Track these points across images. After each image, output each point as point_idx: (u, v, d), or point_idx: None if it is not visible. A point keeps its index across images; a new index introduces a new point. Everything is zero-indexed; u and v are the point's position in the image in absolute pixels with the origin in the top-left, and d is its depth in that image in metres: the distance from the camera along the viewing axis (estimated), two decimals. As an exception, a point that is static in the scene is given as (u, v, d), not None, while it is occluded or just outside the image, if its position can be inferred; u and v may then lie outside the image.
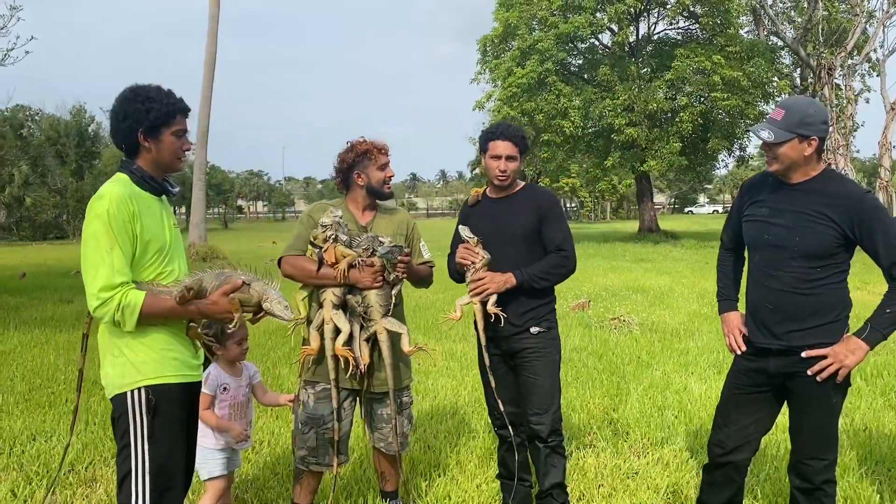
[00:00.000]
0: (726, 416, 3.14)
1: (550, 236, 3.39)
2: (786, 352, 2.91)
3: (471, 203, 3.60)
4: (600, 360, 6.89)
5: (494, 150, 3.41)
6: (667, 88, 25.72)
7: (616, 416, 5.12)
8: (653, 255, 20.48)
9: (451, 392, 5.76)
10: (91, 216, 2.38)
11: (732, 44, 25.40)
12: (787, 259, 2.87)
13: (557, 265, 3.36)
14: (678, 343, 7.69)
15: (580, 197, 65.36)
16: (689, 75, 25.06)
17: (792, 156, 2.81)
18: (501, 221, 3.43)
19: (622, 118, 25.00)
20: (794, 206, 2.87)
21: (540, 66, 25.52)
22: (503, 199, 3.50)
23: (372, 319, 3.15)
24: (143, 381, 2.43)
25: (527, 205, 3.44)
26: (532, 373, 3.36)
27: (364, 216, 3.37)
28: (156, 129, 2.48)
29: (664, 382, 6.01)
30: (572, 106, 25.18)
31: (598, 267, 16.75)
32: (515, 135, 3.42)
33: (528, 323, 3.37)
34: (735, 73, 24.18)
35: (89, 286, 2.35)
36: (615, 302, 10.76)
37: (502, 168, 3.38)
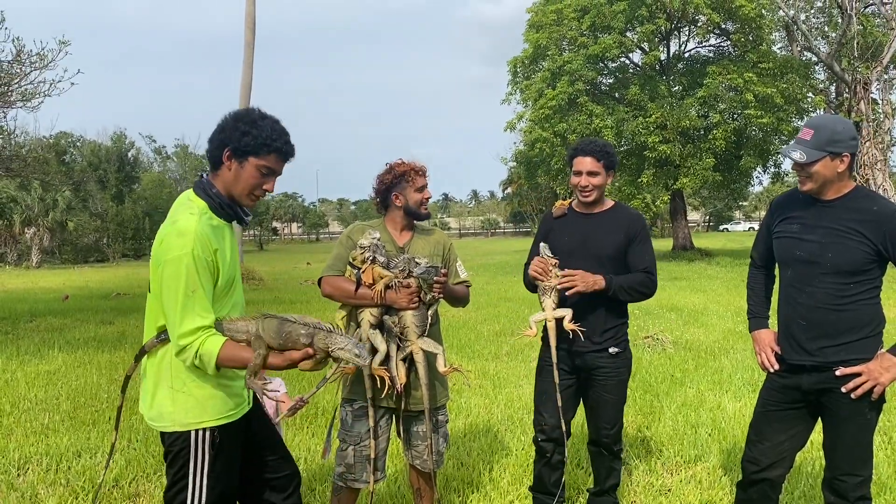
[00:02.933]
0: (760, 433, 3.15)
1: (639, 257, 3.46)
2: (819, 368, 2.92)
3: (556, 215, 3.62)
4: (633, 378, 6.87)
5: (577, 165, 3.48)
6: (699, 106, 25.57)
7: (649, 433, 5.12)
8: (687, 273, 20.32)
9: (484, 410, 5.80)
10: (173, 255, 2.23)
11: (765, 60, 25.19)
12: (819, 275, 2.89)
13: (643, 284, 3.43)
14: (712, 361, 7.65)
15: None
16: (721, 92, 24.91)
17: (825, 174, 2.84)
18: (590, 238, 3.48)
19: (655, 136, 24.91)
20: (826, 221, 2.89)
21: (570, 87, 25.57)
22: (592, 215, 3.54)
23: (408, 340, 3.19)
24: (209, 421, 2.35)
25: (617, 223, 3.49)
26: (606, 391, 3.48)
27: (402, 237, 3.45)
28: (243, 154, 2.37)
29: (698, 400, 5.99)
30: (605, 125, 25.16)
31: (632, 285, 16.58)
32: (598, 150, 3.45)
33: (607, 342, 3.46)
34: (768, 90, 23.96)
35: (171, 330, 2.28)
36: (649, 320, 10.72)
37: (584, 183, 3.45)
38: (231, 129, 2.35)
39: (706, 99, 25.11)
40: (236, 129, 2.35)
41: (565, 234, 3.55)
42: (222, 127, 2.37)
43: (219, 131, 2.38)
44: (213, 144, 2.39)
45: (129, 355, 8.78)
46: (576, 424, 4.27)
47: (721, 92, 24.89)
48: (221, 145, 2.37)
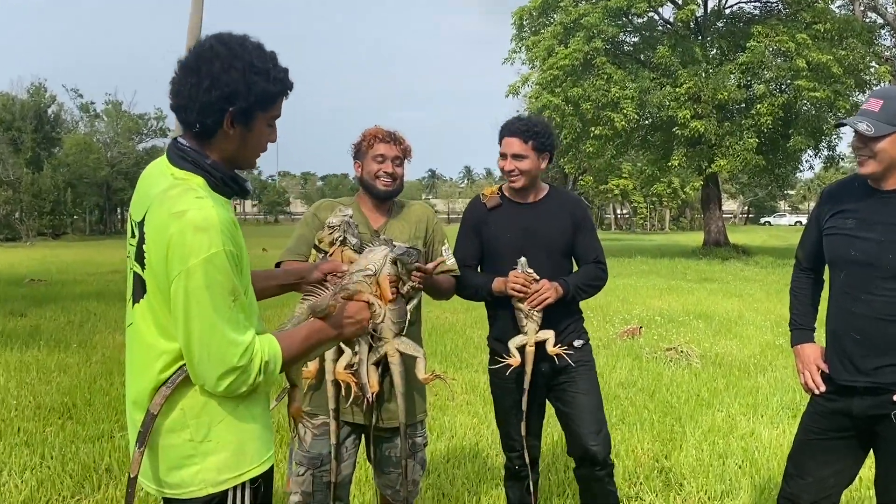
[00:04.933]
0: (800, 466, 3.18)
1: (588, 246, 3.72)
2: (874, 390, 2.93)
3: (490, 205, 3.74)
4: (652, 397, 6.93)
5: (502, 146, 3.64)
6: (740, 74, 25.70)
7: (669, 464, 5.17)
8: (720, 273, 20.44)
9: (472, 431, 5.84)
10: (200, 259, 1.96)
11: (821, 21, 25.36)
12: (878, 280, 2.91)
13: (597, 277, 3.72)
14: (746, 380, 7.71)
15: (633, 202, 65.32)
16: (767, 58, 25.04)
17: (893, 153, 2.84)
18: (537, 230, 3.64)
19: (686, 109, 25.00)
20: (887, 216, 2.91)
21: (586, 45, 25.65)
22: (531, 203, 3.70)
23: (383, 339, 3.21)
24: (249, 470, 2.13)
25: (560, 212, 3.69)
26: (580, 390, 3.65)
27: (377, 218, 3.47)
28: (250, 114, 2.08)
29: (728, 426, 6.04)
30: (625, 96, 25.23)
31: (653, 287, 16.73)
32: (525, 130, 3.59)
33: (570, 336, 3.67)
34: (824, 57, 24.09)
35: (218, 359, 1.97)
36: (672, 329, 10.78)
37: (508, 167, 3.61)
38: (229, 84, 2.02)
39: (749, 66, 25.24)
40: (235, 81, 2.02)
41: (506, 229, 3.67)
42: (210, 83, 2.01)
43: (205, 89, 2.02)
44: (200, 108, 2.05)
45: (44, 355, 8.73)
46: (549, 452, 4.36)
47: (767, 58, 25.01)
48: (219, 110, 2.04)
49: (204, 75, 2.02)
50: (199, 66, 2.04)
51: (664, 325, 11.21)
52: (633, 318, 11.59)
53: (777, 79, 25.71)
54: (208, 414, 2.07)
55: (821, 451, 3.12)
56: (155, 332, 2.07)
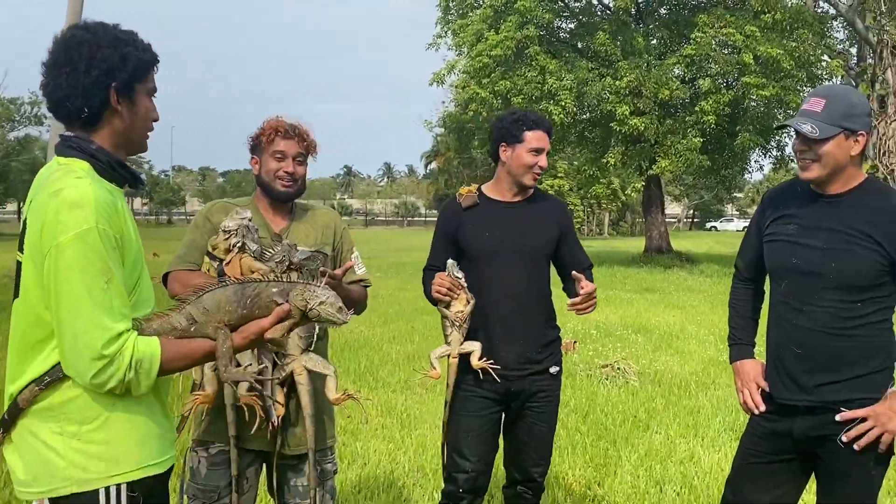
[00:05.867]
0: (739, 492, 3.29)
1: (579, 254, 3.89)
2: (816, 409, 3.05)
3: (465, 204, 3.80)
4: (585, 419, 7.07)
5: (535, 141, 3.71)
6: (685, 67, 26.28)
7: (602, 491, 5.30)
8: (661, 283, 20.90)
9: (387, 458, 5.87)
10: (72, 234, 2.06)
11: (771, 10, 26.07)
12: (821, 290, 3.01)
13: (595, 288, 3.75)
14: (687, 399, 7.93)
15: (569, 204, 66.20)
16: (714, 51, 25.64)
17: (838, 156, 2.94)
18: (518, 229, 3.73)
19: (626, 105, 25.44)
20: (831, 222, 3.01)
21: (519, 32, 25.86)
22: (516, 203, 3.80)
23: (289, 355, 3.21)
24: (123, 473, 2.18)
25: (547, 215, 3.83)
26: (541, 420, 3.80)
27: (278, 220, 3.46)
28: (130, 86, 2.26)
29: (666, 450, 6.21)
30: (562, 86, 25.54)
31: (590, 298, 16.96)
32: (550, 126, 3.80)
33: (547, 360, 3.78)
34: (774, 50, 24.78)
35: (84, 343, 2.05)
36: (609, 344, 11.00)
37: (543, 164, 3.73)
38: (104, 59, 2.20)
39: (694, 59, 25.77)
40: (108, 56, 2.20)
41: (484, 229, 3.74)
42: (86, 65, 2.19)
43: (82, 71, 2.19)
44: (83, 93, 2.20)
45: None
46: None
47: (713, 50, 25.60)
48: (102, 87, 2.20)
49: (77, 60, 2.19)
50: (69, 54, 2.20)
51: (601, 339, 11.43)
52: (568, 333, 11.75)
53: (723, 73, 26.32)
54: (80, 410, 2.15)
55: (761, 476, 3.23)
56: (30, 321, 2.18)
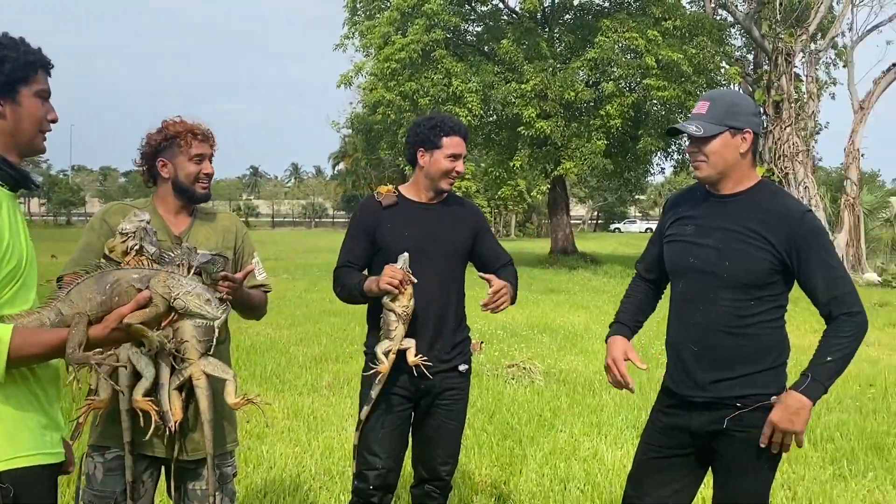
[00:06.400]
0: (640, 487, 3.36)
1: (497, 250, 3.99)
2: (712, 405, 3.14)
3: (386, 203, 3.84)
4: (492, 419, 7.12)
5: (452, 147, 3.79)
6: (589, 71, 26.73)
7: (507, 490, 5.34)
8: (567, 284, 21.22)
9: (293, 461, 5.81)
10: None
11: (671, 17, 26.70)
12: (716, 289, 3.11)
13: (516, 279, 3.94)
14: (591, 398, 8.06)
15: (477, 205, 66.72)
16: (616, 55, 26.14)
17: (725, 155, 3.07)
18: (434, 232, 3.81)
19: (532, 107, 25.73)
20: (725, 222, 3.12)
21: (426, 35, 25.94)
22: (433, 205, 3.88)
23: (187, 360, 3.15)
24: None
25: (463, 215, 3.93)
26: (450, 418, 3.88)
27: (178, 223, 3.40)
28: (12, 88, 2.35)
29: (570, 447, 6.30)
30: (468, 89, 25.70)
31: (497, 299, 17.11)
32: (467, 132, 3.89)
33: (457, 359, 3.86)
34: (675, 55, 25.40)
35: None
36: (515, 344, 11.12)
37: (460, 169, 3.81)
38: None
39: (597, 63, 26.24)
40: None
41: (403, 229, 3.78)
42: None
43: None
44: None
45: None
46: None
47: (616, 55, 26.10)
48: None
49: None
50: None
51: (507, 339, 11.54)
52: (475, 333, 11.77)
53: (626, 77, 26.87)
54: None
55: (660, 470, 3.30)
56: None
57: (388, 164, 41.35)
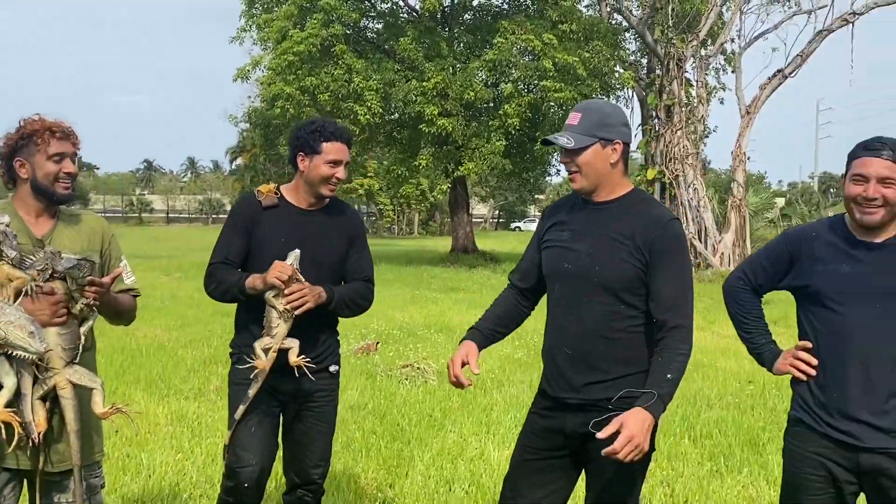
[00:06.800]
0: (515, 488, 3.39)
1: (361, 265, 3.94)
2: (585, 406, 3.19)
3: (266, 203, 3.80)
4: (382, 420, 7.10)
5: (333, 153, 3.74)
6: (488, 72, 26.96)
7: (392, 493, 5.34)
8: (467, 282, 21.39)
9: (174, 468, 5.70)
10: None
11: (568, 20, 27.13)
12: (588, 293, 3.17)
13: (364, 296, 3.92)
14: (482, 397, 8.11)
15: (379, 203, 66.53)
16: (514, 57, 26.43)
17: (596, 165, 3.14)
18: (313, 239, 3.77)
19: (434, 105, 25.81)
20: (598, 228, 3.19)
21: (324, 30, 25.76)
22: (312, 211, 3.84)
23: (51, 369, 3.08)
24: None
25: (340, 224, 3.90)
26: (321, 420, 3.88)
27: (40, 225, 3.28)
28: None
29: (458, 448, 6.33)
30: (368, 87, 25.64)
31: (396, 297, 17.15)
32: (350, 138, 3.85)
33: (326, 360, 3.85)
34: (570, 58, 25.80)
35: None
36: (411, 344, 11.14)
37: (341, 176, 3.76)
38: None
39: (496, 63, 26.49)
40: None
41: (280, 234, 3.76)
42: None
43: None
44: None
45: None
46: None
47: (514, 56, 26.40)
48: None
49: None
50: None
51: (403, 339, 11.55)
52: (371, 333, 11.82)
53: (524, 78, 27.19)
54: None
55: (536, 472, 3.34)
56: None
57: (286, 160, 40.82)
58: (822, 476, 3.16)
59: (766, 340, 3.43)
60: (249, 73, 29.02)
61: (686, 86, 27.24)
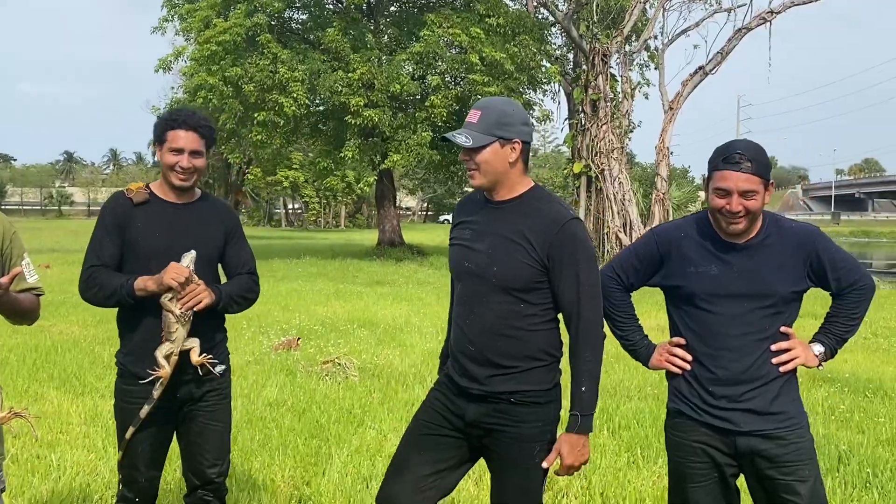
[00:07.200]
0: (404, 463, 3.35)
1: (243, 257, 3.88)
2: (487, 398, 3.24)
3: (137, 200, 3.71)
4: (301, 418, 7.06)
5: (175, 141, 3.64)
6: (414, 64, 26.93)
7: (308, 491, 5.30)
8: (393, 276, 21.37)
9: (86, 469, 5.60)
10: None
11: (495, 14, 27.25)
12: (488, 292, 3.21)
13: (250, 290, 3.86)
14: (403, 392, 8.12)
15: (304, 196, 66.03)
16: (441, 50, 26.45)
17: (494, 164, 3.17)
18: (187, 232, 3.69)
19: (360, 97, 25.70)
20: (497, 227, 3.23)
21: (248, 20, 25.46)
22: (186, 205, 3.77)
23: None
24: None
25: (214, 217, 3.83)
26: (215, 419, 3.82)
27: None
28: None
29: (377, 444, 6.32)
30: (293, 78, 25.41)
31: (320, 292, 17.06)
32: (202, 124, 3.70)
33: (213, 360, 3.74)
34: (497, 54, 25.93)
35: None
36: (333, 339, 11.09)
37: (185, 165, 3.63)
38: None
39: (423, 56, 26.49)
40: None
41: (154, 229, 3.68)
42: None
43: None
44: None
45: None
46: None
47: (441, 49, 26.42)
48: None
49: None
50: None
51: (325, 334, 11.49)
52: (293, 329, 11.73)
53: (451, 70, 27.26)
54: None
55: (429, 447, 3.33)
56: None
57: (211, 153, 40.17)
58: (705, 463, 3.35)
59: (640, 337, 3.56)
60: (171, 64, 28.52)
61: (611, 81, 27.61)
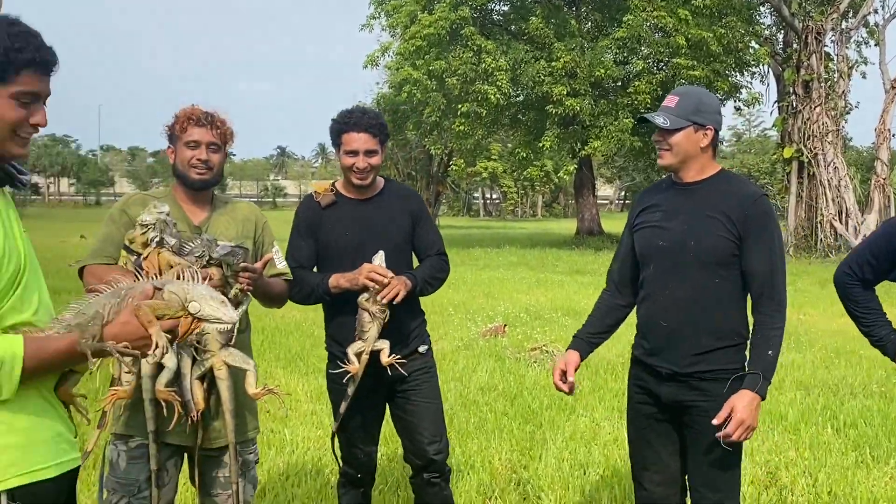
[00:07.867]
0: (643, 459, 3.50)
1: (430, 240, 3.99)
2: (679, 376, 3.29)
3: (325, 203, 3.88)
4: (513, 402, 7.16)
5: (349, 143, 3.74)
6: (617, 49, 26.57)
7: (527, 475, 5.38)
8: (592, 265, 21.13)
9: (316, 444, 5.90)
10: None
11: (702, -5, 26.45)
12: (683, 267, 3.27)
13: (441, 269, 3.98)
14: (613, 381, 8.06)
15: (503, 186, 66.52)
16: (645, 33, 25.96)
17: (686, 147, 3.26)
18: (374, 226, 3.84)
19: (563, 85, 25.64)
20: (689, 205, 3.30)
21: (453, 13, 25.89)
22: (368, 199, 3.89)
23: (208, 351, 3.21)
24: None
25: (397, 205, 3.94)
26: (424, 397, 3.94)
27: (197, 213, 3.44)
28: None
29: (591, 432, 6.33)
30: (498, 67, 25.64)
31: (521, 280, 17.16)
32: (373, 124, 3.78)
33: (414, 342, 3.94)
34: (704, 34, 25.20)
35: None
36: (538, 327, 11.13)
37: (361, 165, 3.74)
38: None
39: (626, 41, 26.10)
40: None
41: (344, 227, 3.84)
42: None
43: None
44: None
45: None
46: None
47: (645, 33, 25.92)
48: None
49: None
50: None
51: (530, 322, 11.55)
52: (498, 316, 11.87)
53: (655, 55, 26.71)
54: None
55: (654, 437, 3.44)
56: None
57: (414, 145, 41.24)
58: None
59: (887, 332, 3.43)
60: (378, 60, 29.46)
61: (825, 60, 26.19)
